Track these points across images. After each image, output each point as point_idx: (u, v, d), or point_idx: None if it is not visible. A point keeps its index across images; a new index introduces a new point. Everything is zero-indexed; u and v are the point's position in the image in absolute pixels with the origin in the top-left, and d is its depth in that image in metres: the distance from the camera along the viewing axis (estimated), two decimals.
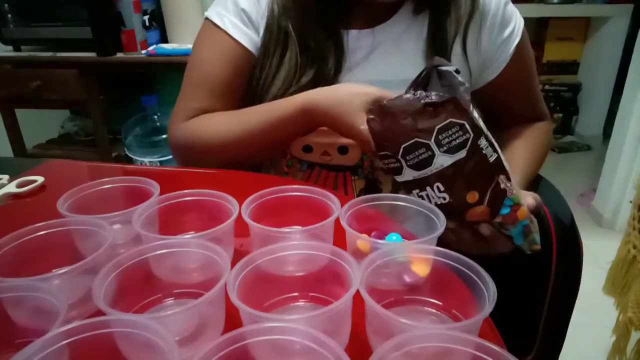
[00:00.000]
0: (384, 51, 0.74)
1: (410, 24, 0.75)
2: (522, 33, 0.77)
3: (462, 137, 0.53)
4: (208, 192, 0.54)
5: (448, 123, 0.53)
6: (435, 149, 0.53)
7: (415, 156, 0.55)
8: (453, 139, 0.53)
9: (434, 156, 0.54)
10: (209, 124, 0.74)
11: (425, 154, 0.54)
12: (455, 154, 0.54)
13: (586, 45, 2.93)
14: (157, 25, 1.75)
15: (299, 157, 0.76)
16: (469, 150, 0.53)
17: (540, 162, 0.83)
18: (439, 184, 0.55)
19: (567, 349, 0.77)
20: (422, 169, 0.55)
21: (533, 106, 0.86)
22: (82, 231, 0.49)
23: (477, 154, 0.54)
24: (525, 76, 0.82)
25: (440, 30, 0.73)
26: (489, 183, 0.56)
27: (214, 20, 0.76)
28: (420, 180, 0.56)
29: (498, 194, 0.56)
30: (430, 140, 0.53)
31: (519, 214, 0.58)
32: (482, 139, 0.54)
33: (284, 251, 0.44)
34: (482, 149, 0.54)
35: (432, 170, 0.54)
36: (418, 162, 0.55)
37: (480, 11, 0.74)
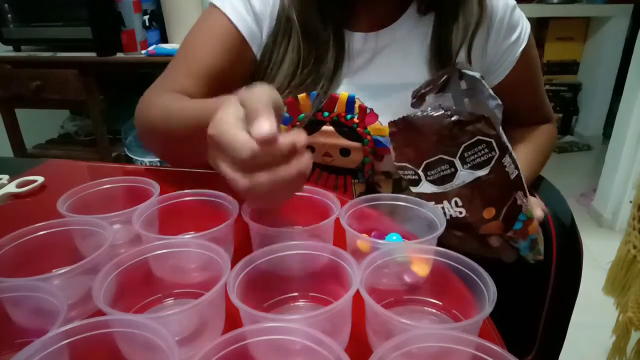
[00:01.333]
0: (388, 55, 0.74)
1: (414, 28, 0.74)
2: (529, 38, 0.76)
3: (487, 155, 0.52)
4: (207, 192, 0.54)
5: (475, 141, 0.51)
6: (459, 165, 0.52)
7: (437, 172, 0.54)
8: (478, 156, 0.52)
9: (456, 172, 0.53)
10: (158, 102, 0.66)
11: (448, 170, 0.53)
12: (478, 171, 0.53)
13: (586, 45, 2.93)
14: (157, 25, 1.75)
15: None
16: (492, 167, 0.52)
17: (542, 165, 0.83)
18: (457, 199, 0.54)
19: (567, 349, 0.77)
20: (442, 184, 0.54)
21: (538, 109, 0.85)
22: (82, 231, 0.49)
23: (499, 172, 0.53)
24: (531, 80, 0.81)
25: (445, 37, 0.72)
26: (506, 199, 0.55)
27: (215, 2, 0.73)
28: (439, 195, 0.55)
29: (514, 210, 0.56)
30: (455, 158, 0.52)
31: (530, 228, 0.58)
32: (507, 157, 0.53)
33: (284, 251, 0.44)
34: (505, 166, 0.53)
35: (452, 186, 0.54)
36: (439, 178, 0.54)
37: (488, 17, 0.73)
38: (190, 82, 0.70)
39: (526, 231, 0.58)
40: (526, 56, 0.77)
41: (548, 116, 0.87)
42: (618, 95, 2.19)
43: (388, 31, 0.74)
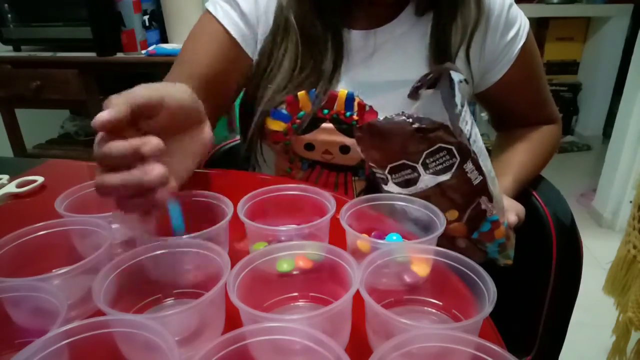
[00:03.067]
0: (386, 52, 0.74)
1: (413, 26, 0.74)
2: (528, 35, 0.76)
3: (449, 162, 0.54)
4: (202, 192, 0.54)
5: (437, 148, 0.53)
6: (422, 170, 0.55)
7: (401, 175, 0.56)
8: (440, 162, 0.54)
9: (419, 177, 0.55)
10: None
11: (411, 175, 0.55)
12: (440, 176, 0.55)
13: (586, 45, 2.93)
14: (157, 25, 1.75)
15: (300, 154, 0.76)
16: (454, 173, 0.54)
17: (539, 165, 0.82)
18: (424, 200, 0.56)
19: (567, 349, 0.77)
20: (406, 187, 0.57)
21: (540, 109, 0.85)
22: (82, 231, 0.49)
23: (461, 177, 0.55)
24: (531, 79, 0.81)
25: (445, 37, 0.72)
26: (469, 203, 0.57)
27: (208, 8, 0.75)
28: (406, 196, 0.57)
29: (478, 214, 0.58)
30: (418, 164, 0.54)
31: (496, 232, 0.60)
32: (469, 163, 0.55)
33: (284, 251, 0.44)
34: (467, 172, 0.55)
35: (416, 189, 0.56)
36: (403, 181, 0.56)
37: (485, 14, 0.73)
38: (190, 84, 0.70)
39: (492, 235, 0.60)
40: (525, 54, 0.76)
41: (552, 117, 0.86)
42: (618, 95, 2.19)
43: (386, 29, 0.74)
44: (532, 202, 0.76)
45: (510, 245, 0.65)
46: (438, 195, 0.55)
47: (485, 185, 0.57)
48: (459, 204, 0.57)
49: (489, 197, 0.58)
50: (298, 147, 0.75)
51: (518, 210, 0.69)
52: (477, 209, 0.58)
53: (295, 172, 0.79)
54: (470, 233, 0.60)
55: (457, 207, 0.57)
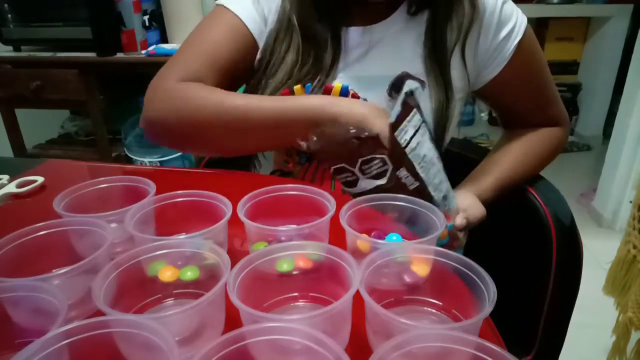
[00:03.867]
0: (381, 48, 0.75)
1: (408, 24, 0.75)
2: (525, 32, 0.75)
3: (382, 168, 0.61)
4: (200, 192, 0.54)
5: (370, 158, 0.61)
6: (359, 174, 0.62)
7: (343, 177, 0.64)
8: (375, 168, 0.61)
9: (358, 180, 0.63)
10: (213, 94, 0.67)
11: (351, 177, 0.63)
12: (376, 180, 0.62)
13: (586, 45, 2.93)
14: (157, 25, 1.75)
15: (297, 149, 0.76)
16: (389, 178, 0.61)
17: (533, 167, 0.82)
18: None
19: (567, 349, 0.77)
20: (349, 187, 0.64)
21: (543, 109, 0.83)
22: (82, 231, 0.49)
23: (397, 182, 0.61)
24: (530, 77, 0.80)
25: (440, 37, 0.73)
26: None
27: (226, 5, 0.76)
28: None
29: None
30: (355, 168, 0.62)
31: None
32: (402, 170, 0.61)
33: (284, 251, 0.44)
34: (400, 178, 0.61)
35: (357, 190, 0.63)
36: (345, 182, 0.64)
37: (480, 14, 0.73)
38: (208, 74, 0.71)
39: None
40: (522, 52, 0.76)
41: (558, 119, 0.85)
42: (618, 95, 2.19)
43: (381, 26, 0.75)
44: (532, 202, 0.76)
45: (458, 245, 0.71)
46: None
47: (423, 190, 0.63)
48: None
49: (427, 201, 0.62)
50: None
51: (470, 214, 0.72)
52: None
53: (292, 165, 0.79)
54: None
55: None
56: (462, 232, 0.71)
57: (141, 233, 0.47)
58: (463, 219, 0.69)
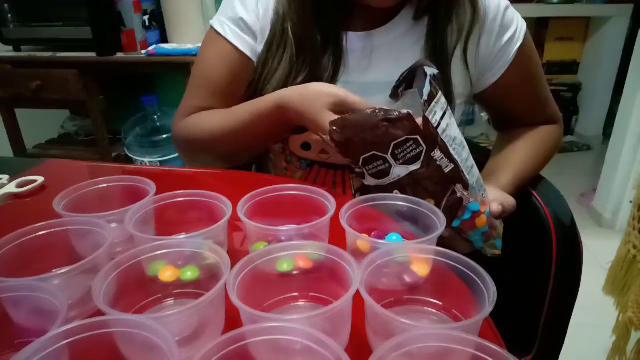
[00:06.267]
0: (382, 54, 0.75)
1: (409, 29, 0.75)
2: (525, 37, 0.76)
3: (416, 150, 0.57)
4: (201, 192, 0.54)
5: (404, 139, 0.56)
6: (392, 161, 0.57)
7: (374, 167, 0.59)
8: (408, 152, 0.57)
9: (391, 167, 0.58)
10: (202, 121, 0.79)
11: (383, 165, 0.58)
12: (410, 165, 0.57)
13: (586, 45, 2.93)
14: (157, 25, 1.75)
15: (298, 154, 0.77)
16: (423, 161, 0.57)
17: (539, 165, 0.82)
18: (397, 191, 0.59)
19: (567, 349, 0.77)
20: (381, 178, 0.59)
21: (540, 110, 0.85)
22: (82, 231, 0.49)
23: (431, 165, 0.57)
24: (529, 80, 0.81)
25: (442, 40, 0.73)
26: (444, 191, 0.59)
27: (216, 28, 0.79)
28: (381, 187, 0.60)
29: (455, 202, 0.60)
30: (387, 154, 0.57)
31: (477, 221, 0.62)
32: (437, 151, 0.57)
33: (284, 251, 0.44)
34: (436, 160, 0.57)
35: (390, 179, 0.59)
36: (377, 172, 0.59)
37: (481, 18, 0.74)
38: (211, 102, 0.80)
39: (473, 224, 0.62)
40: (522, 56, 0.77)
41: (553, 117, 0.86)
42: (618, 95, 2.19)
43: (383, 31, 0.75)
44: (532, 202, 0.76)
45: (497, 234, 0.66)
46: (413, 185, 0.58)
47: (458, 173, 0.59)
48: (433, 192, 0.59)
49: (463, 185, 0.59)
50: (295, 146, 0.75)
51: (504, 201, 0.69)
52: (453, 197, 0.59)
53: (292, 172, 0.79)
54: (449, 221, 0.61)
55: (432, 195, 0.59)
56: (499, 220, 0.68)
57: (141, 233, 0.47)
58: (499, 206, 0.66)
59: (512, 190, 0.75)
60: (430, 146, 0.56)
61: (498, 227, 0.67)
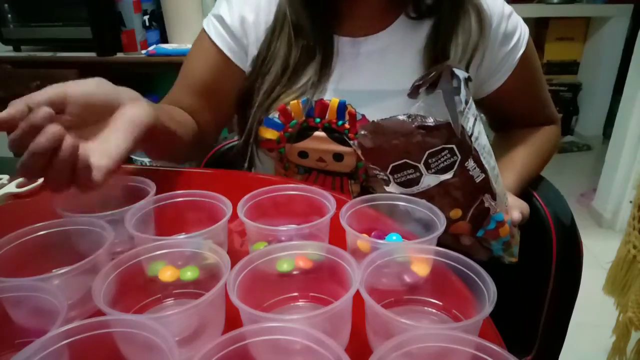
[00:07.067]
0: (373, 61, 0.73)
1: (406, 36, 0.73)
2: (527, 43, 0.76)
3: (450, 160, 0.54)
4: (200, 192, 0.54)
5: (440, 149, 0.53)
6: (424, 170, 0.54)
7: (403, 175, 0.56)
8: (442, 161, 0.54)
9: (421, 176, 0.55)
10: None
11: (413, 174, 0.55)
12: (442, 175, 0.55)
13: (586, 45, 2.93)
14: (157, 25, 1.75)
15: (295, 162, 0.76)
16: (455, 171, 0.54)
17: (540, 165, 0.83)
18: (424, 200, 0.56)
19: (567, 349, 0.77)
20: (408, 187, 0.56)
21: (539, 111, 0.85)
22: (82, 231, 0.49)
23: (463, 175, 0.55)
24: (531, 84, 0.81)
25: (443, 51, 0.71)
26: (473, 202, 0.57)
27: (204, 25, 0.80)
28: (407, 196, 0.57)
29: (481, 212, 0.58)
30: (420, 163, 0.54)
31: (501, 231, 0.61)
32: (470, 161, 0.55)
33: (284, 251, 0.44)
34: (469, 170, 0.55)
35: (418, 189, 0.56)
36: (405, 181, 0.56)
37: (487, 33, 0.72)
38: (183, 97, 0.79)
39: (497, 233, 0.60)
40: (525, 62, 0.76)
41: (552, 118, 0.87)
42: (618, 95, 2.19)
43: (374, 38, 0.73)
44: (532, 202, 0.76)
45: (515, 242, 0.66)
46: (441, 194, 0.55)
47: (488, 183, 0.57)
48: (461, 202, 0.57)
49: (492, 195, 0.58)
50: (292, 154, 0.75)
51: (522, 208, 0.69)
52: (480, 207, 0.58)
53: (291, 176, 0.79)
54: (474, 231, 0.60)
55: (460, 205, 0.57)
56: (516, 228, 0.68)
57: (141, 233, 0.47)
58: (519, 214, 0.66)
59: (517, 191, 0.75)
60: (465, 156, 0.54)
61: (516, 235, 0.66)
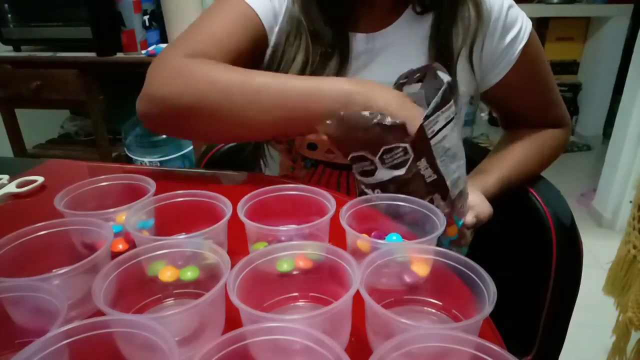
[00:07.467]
0: (387, 54, 0.75)
1: (412, 29, 0.74)
2: (530, 36, 0.76)
3: (403, 157, 0.58)
4: (200, 192, 0.54)
5: (393, 147, 0.58)
6: (379, 164, 0.59)
7: (360, 165, 0.61)
8: (395, 158, 0.58)
9: (376, 170, 0.60)
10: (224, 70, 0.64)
11: (369, 166, 0.60)
12: (395, 170, 0.59)
13: (586, 45, 2.93)
14: (157, 25, 1.75)
15: (303, 154, 0.77)
16: (407, 169, 0.59)
17: (535, 166, 0.82)
18: (378, 190, 0.61)
19: (567, 349, 0.77)
20: (365, 177, 0.61)
21: (546, 111, 0.84)
22: (82, 230, 0.49)
23: (414, 173, 0.59)
24: (534, 80, 0.81)
25: (445, 40, 0.72)
26: (422, 199, 0.59)
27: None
28: (367, 185, 0.62)
29: None
30: (375, 158, 0.59)
31: (449, 230, 0.64)
32: (423, 161, 0.59)
33: (284, 251, 0.44)
34: (420, 169, 0.59)
35: (373, 180, 0.60)
36: (362, 171, 0.61)
37: (485, 19, 0.73)
38: (215, 55, 0.67)
39: (445, 231, 0.62)
40: (527, 56, 0.76)
41: (561, 121, 0.86)
42: (618, 95, 2.19)
43: (386, 32, 0.75)
44: (532, 202, 0.76)
45: (464, 242, 0.70)
46: (393, 188, 0.59)
47: (439, 183, 0.61)
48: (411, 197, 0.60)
49: (442, 196, 0.61)
50: (301, 146, 0.75)
51: (480, 212, 0.71)
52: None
53: (298, 171, 0.79)
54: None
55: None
56: (470, 230, 0.70)
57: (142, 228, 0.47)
58: (473, 217, 0.68)
59: (496, 192, 0.76)
60: (418, 156, 0.58)
61: (467, 237, 0.70)
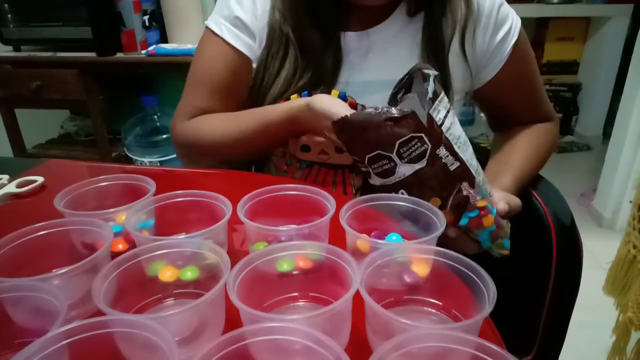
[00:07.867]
0: (379, 52, 0.75)
1: (405, 25, 0.75)
2: (520, 33, 0.77)
3: (421, 148, 0.56)
4: (201, 192, 0.54)
5: (409, 138, 0.56)
6: (397, 160, 0.57)
7: (379, 166, 0.58)
8: (413, 150, 0.56)
9: (396, 166, 0.57)
10: (207, 124, 0.79)
11: (388, 164, 0.57)
12: (416, 164, 0.57)
13: (586, 45, 2.93)
14: (157, 25, 1.75)
15: (297, 156, 0.77)
16: (428, 160, 0.57)
17: (538, 163, 0.82)
18: (403, 191, 0.59)
19: (567, 349, 0.77)
20: (386, 177, 0.59)
21: (534, 107, 0.85)
22: (82, 230, 0.49)
23: (437, 163, 0.57)
24: (524, 77, 0.82)
25: (436, 32, 0.74)
26: (450, 190, 0.58)
27: (212, 28, 0.79)
28: (387, 187, 0.59)
29: (461, 200, 0.59)
30: (392, 153, 0.57)
31: (484, 220, 0.61)
32: (442, 149, 0.57)
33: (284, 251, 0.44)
34: (441, 158, 0.57)
35: (395, 178, 0.58)
36: (382, 172, 0.58)
37: (475, 13, 0.75)
38: (211, 103, 0.80)
39: (480, 222, 0.61)
40: (517, 53, 0.77)
41: (548, 115, 0.87)
42: (618, 95, 2.19)
43: (378, 30, 0.75)
44: (532, 202, 0.76)
45: (504, 233, 0.66)
46: (418, 184, 0.58)
47: (464, 170, 0.58)
48: (438, 191, 0.58)
49: (469, 183, 0.59)
50: (294, 149, 0.76)
51: (510, 200, 0.69)
52: (459, 195, 0.59)
53: (292, 173, 0.80)
54: (457, 220, 0.60)
55: (438, 194, 0.59)
56: (506, 220, 0.68)
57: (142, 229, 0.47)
58: (505, 204, 0.66)
59: (515, 191, 0.75)
60: (435, 144, 0.56)
61: (505, 227, 0.66)
